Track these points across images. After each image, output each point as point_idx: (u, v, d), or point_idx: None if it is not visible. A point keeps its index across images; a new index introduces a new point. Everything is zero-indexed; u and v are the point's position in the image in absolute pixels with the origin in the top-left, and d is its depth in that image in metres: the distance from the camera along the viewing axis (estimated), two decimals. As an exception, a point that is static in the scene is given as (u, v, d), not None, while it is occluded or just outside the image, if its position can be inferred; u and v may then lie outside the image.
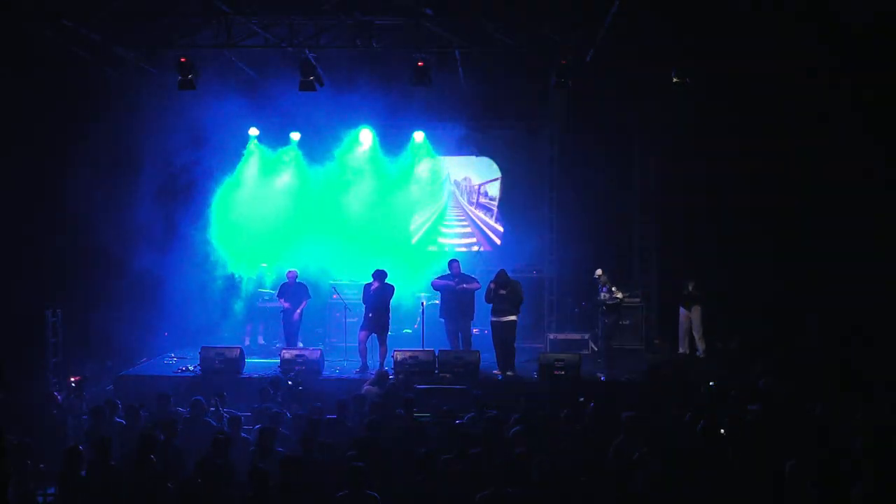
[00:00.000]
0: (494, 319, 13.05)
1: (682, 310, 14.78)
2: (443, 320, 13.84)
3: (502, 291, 12.97)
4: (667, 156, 15.89)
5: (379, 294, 13.31)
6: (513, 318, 13.05)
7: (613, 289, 13.50)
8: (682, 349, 14.71)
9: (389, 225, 16.66)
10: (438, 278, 13.86)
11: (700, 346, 14.54)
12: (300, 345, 14.25)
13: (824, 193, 14.39)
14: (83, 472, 7.91)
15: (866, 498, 7.16)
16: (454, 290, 13.55)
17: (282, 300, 14.36)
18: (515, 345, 13.24)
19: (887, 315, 13.19)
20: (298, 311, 14.27)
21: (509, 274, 13.33)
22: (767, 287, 14.61)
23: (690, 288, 14.69)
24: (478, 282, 13.76)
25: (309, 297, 14.45)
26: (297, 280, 14.49)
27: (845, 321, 12.96)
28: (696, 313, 14.67)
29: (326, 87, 13.57)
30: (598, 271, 13.75)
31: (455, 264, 13.82)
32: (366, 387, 11.24)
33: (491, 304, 13.11)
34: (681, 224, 15.61)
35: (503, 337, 13.02)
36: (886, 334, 12.93)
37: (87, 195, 14.14)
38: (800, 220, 14.79)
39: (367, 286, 13.50)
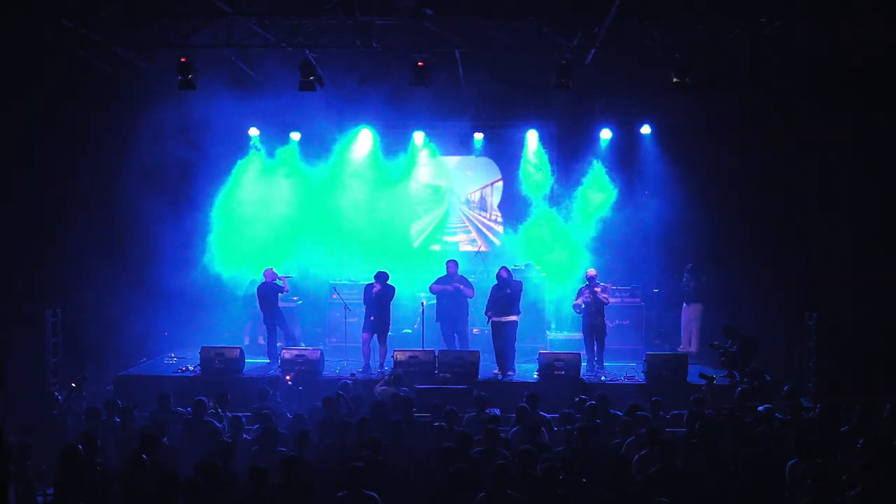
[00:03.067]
0: (496, 319, 13.04)
1: (684, 306, 14.85)
2: (439, 323, 13.85)
3: (505, 291, 12.95)
4: (667, 155, 15.89)
5: (381, 296, 13.32)
6: (513, 318, 13.05)
7: (598, 290, 13.42)
8: (683, 347, 14.76)
9: (390, 225, 16.65)
10: (436, 282, 13.86)
11: (695, 342, 14.64)
12: (302, 344, 14.23)
13: (826, 192, 14.42)
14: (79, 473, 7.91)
15: (864, 499, 7.18)
16: (449, 292, 13.58)
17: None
18: (515, 345, 13.24)
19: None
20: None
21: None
22: (768, 286, 14.59)
23: (692, 285, 14.75)
24: (473, 289, 13.75)
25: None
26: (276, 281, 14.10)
27: (845, 321, 12.94)
28: (696, 310, 14.75)
29: (326, 87, 13.56)
30: (591, 271, 13.70)
31: (452, 264, 13.82)
32: (380, 388, 11.20)
33: (489, 303, 13.09)
34: (681, 223, 15.59)
35: (504, 337, 13.00)
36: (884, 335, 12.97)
37: (87, 194, 14.14)
38: (802, 219, 14.80)
39: (369, 287, 13.52)
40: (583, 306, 13.46)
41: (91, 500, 7.65)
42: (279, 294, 14.07)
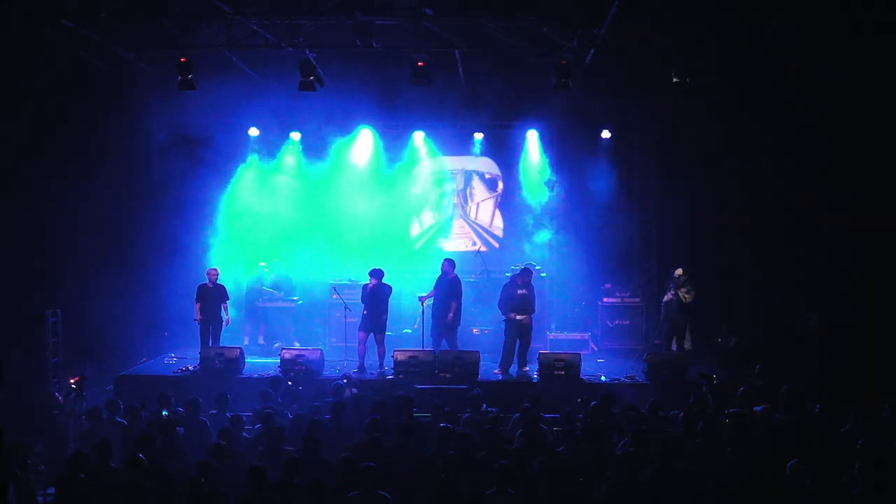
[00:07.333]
0: (519, 318, 12.97)
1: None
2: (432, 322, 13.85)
3: (524, 291, 12.94)
4: (667, 155, 15.90)
5: (375, 292, 13.27)
6: (530, 316, 13.04)
7: (683, 290, 13.39)
8: (674, 345, 14.79)
9: (390, 225, 16.66)
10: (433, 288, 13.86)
11: (688, 341, 14.65)
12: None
13: (826, 192, 14.42)
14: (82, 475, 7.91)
15: (864, 499, 7.18)
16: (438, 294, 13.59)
17: (198, 305, 13.72)
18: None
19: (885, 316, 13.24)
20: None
21: (509, 274, 13.35)
22: (766, 286, 14.60)
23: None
24: (457, 302, 13.55)
25: (226, 297, 14.01)
26: (218, 281, 13.93)
27: (844, 321, 12.94)
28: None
29: (326, 87, 13.56)
30: (679, 270, 13.60)
31: (446, 263, 13.75)
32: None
33: (512, 302, 13.01)
34: (680, 223, 15.60)
35: (523, 335, 12.97)
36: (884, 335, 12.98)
37: (87, 195, 14.14)
38: (801, 218, 14.80)
39: (365, 285, 13.50)
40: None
41: (93, 501, 7.65)
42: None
